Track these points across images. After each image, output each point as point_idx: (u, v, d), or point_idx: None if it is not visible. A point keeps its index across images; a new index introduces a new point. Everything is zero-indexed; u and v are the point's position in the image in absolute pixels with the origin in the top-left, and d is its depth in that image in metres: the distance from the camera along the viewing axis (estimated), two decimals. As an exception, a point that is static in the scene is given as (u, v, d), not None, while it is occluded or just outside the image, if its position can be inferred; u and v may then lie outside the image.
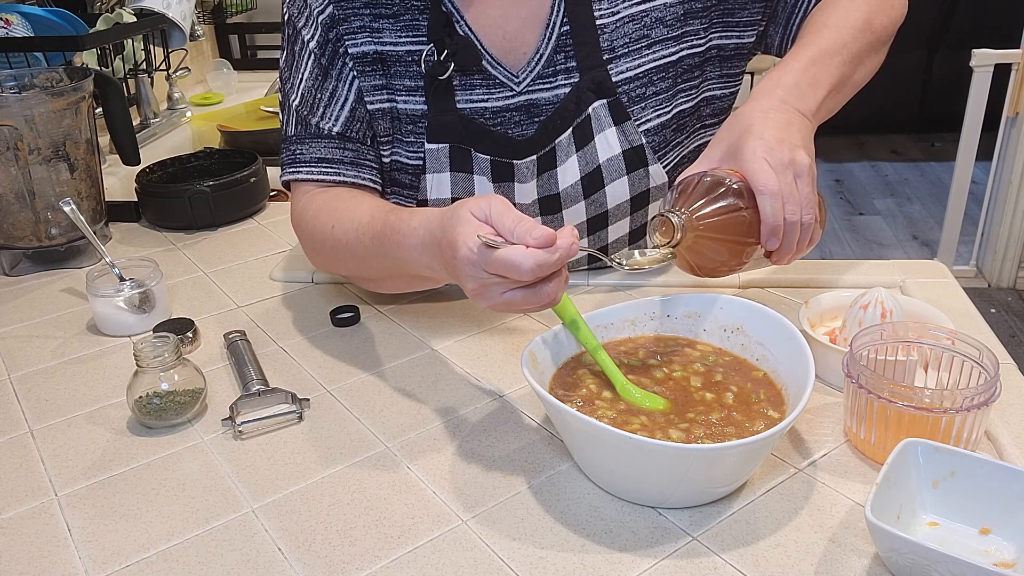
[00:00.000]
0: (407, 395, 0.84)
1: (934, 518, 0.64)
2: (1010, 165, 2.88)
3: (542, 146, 0.95)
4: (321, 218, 0.93)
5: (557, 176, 0.96)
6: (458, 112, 0.94)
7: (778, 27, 0.99)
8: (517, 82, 0.94)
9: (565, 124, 0.95)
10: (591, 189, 0.97)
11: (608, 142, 0.95)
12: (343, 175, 0.96)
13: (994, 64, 2.78)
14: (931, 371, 0.75)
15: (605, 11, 0.93)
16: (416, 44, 0.94)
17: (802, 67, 0.85)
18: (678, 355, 0.79)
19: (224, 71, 2.15)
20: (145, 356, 0.79)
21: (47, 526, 0.69)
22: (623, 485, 0.68)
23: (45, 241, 1.16)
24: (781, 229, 0.76)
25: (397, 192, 1.00)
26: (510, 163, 0.95)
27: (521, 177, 0.95)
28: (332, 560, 0.64)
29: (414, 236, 0.77)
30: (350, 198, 0.93)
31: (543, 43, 0.93)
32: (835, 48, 0.88)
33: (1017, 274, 3.06)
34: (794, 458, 0.73)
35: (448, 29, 0.93)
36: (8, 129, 1.09)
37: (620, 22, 0.93)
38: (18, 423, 0.83)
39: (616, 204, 0.98)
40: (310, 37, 0.94)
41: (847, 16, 0.91)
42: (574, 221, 0.99)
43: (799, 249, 0.80)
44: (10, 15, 1.44)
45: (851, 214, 3.84)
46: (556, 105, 0.95)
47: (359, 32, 0.93)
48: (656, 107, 0.96)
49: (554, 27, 0.93)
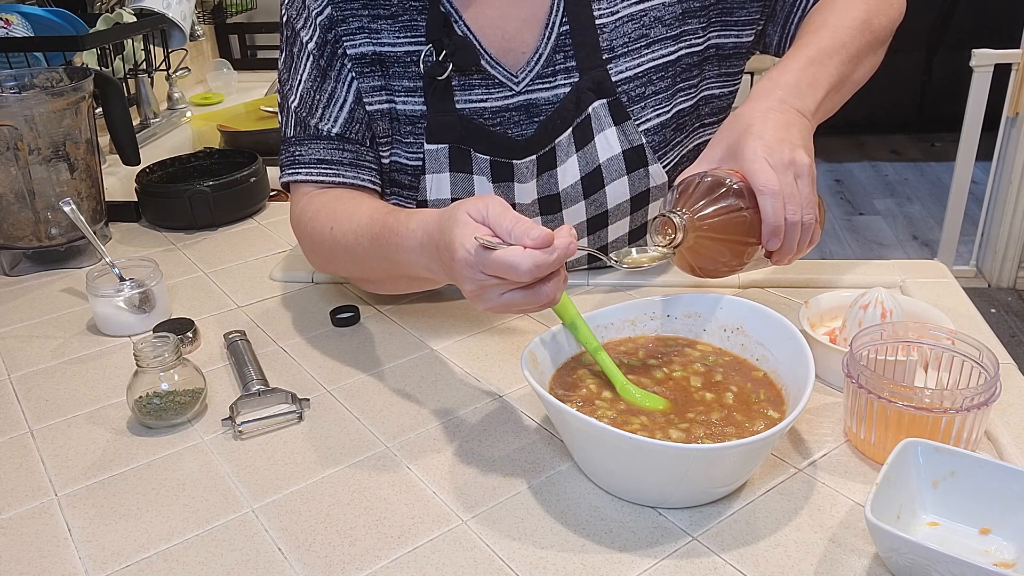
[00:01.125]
0: (407, 395, 0.84)
1: (934, 518, 0.64)
2: (1010, 165, 2.88)
3: (542, 146, 0.95)
4: (320, 219, 0.93)
5: (557, 176, 0.96)
6: (457, 112, 0.94)
7: (776, 26, 0.99)
8: (516, 82, 0.94)
9: (565, 124, 0.95)
10: (591, 189, 0.97)
11: (608, 142, 0.95)
12: (343, 176, 0.96)
13: (994, 64, 2.78)
14: (931, 371, 0.75)
15: (604, 11, 0.93)
16: (415, 45, 0.93)
17: (801, 67, 0.85)
18: (678, 355, 0.79)
19: (224, 71, 2.15)
20: (145, 356, 0.79)
21: (47, 526, 0.69)
22: (623, 485, 0.68)
23: (45, 241, 1.16)
24: (782, 229, 0.76)
25: (397, 193, 1.00)
26: (510, 163, 0.95)
27: (521, 177, 0.95)
28: (332, 560, 0.64)
29: (412, 238, 0.77)
30: (349, 199, 0.93)
31: (542, 43, 0.93)
32: (834, 48, 0.88)
33: (1017, 274, 3.06)
34: (794, 458, 0.73)
35: (447, 29, 0.92)
36: (8, 129, 1.09)
37: (619, 22, 0.93)
38: (18, 423, 0.83)
39: (616, 204, 0.98)
40: (308, 38, 0.94)
41: (845, 16, 0.91)
42: (574, 221, 0.99)
43: (799, 249, 0.79)
44: (10, 15, 1.44)
45: (851, 214, 3.84)
46: (555, 105, 0.95)
47: (357, 33, 0.93)
48: (656, 106, 0.96)
49: (553, 27, 0.93)
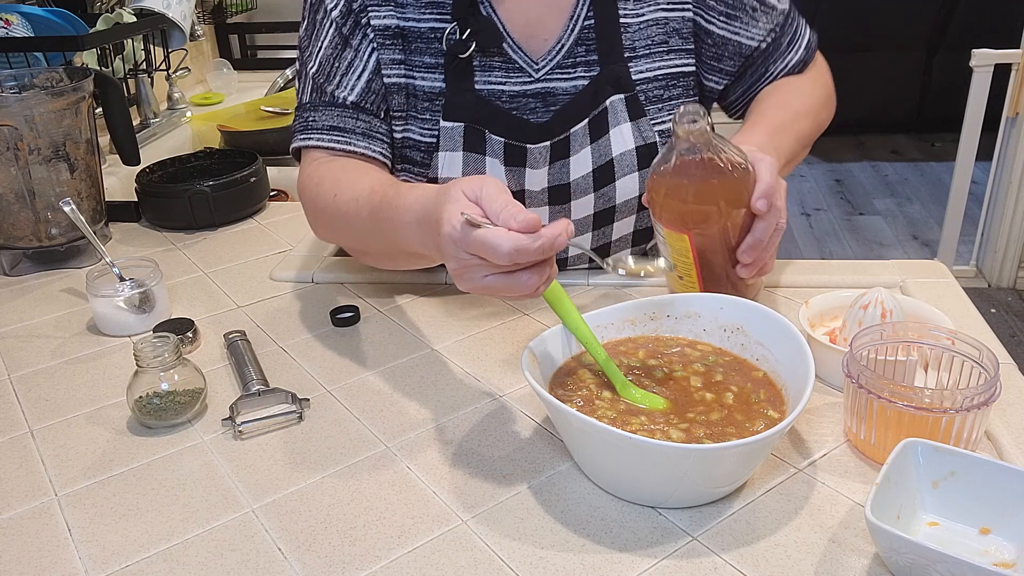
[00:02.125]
0: (407, 395, 0.84)
1: (934, 518, 0.64)
2: (1010, 165, 2.88)
3: (557, 133, 0.96)
4: (325, 186, 0.93)
5: (569, 166, 0.97)
6: (476, 92, 0.95)
7: (740, 87, 1.05)
8: (536, 68, 0.96)
9: (581, 114, 0.96)
10: (602, 182, 0.98)
11: (623, 137, 0.97)
12: (353, 145, 0.96)
13: (994, 64, 2.78)
14: (931, 371, 0.75)
15: (630, 12, 0.96)
16: (439, 22, 0.95)
17: (768, 133, 0.93)
18: (678, 355, 0.79)
19: (224, 71, 2.15)
20: (145, 356, 0.79)
21: (47, 526, 0.69)
22: (623, 485, 0.68)
23: (45, 241, 1.16)
24: (773, 190, 0.81)
25: (407, 169, 1.00)
26: (523, 147, 0.96)
27: (533, 163, 0.96)
28: (332, 560, 0.64)
29: (409, 213, 0.77)
30: (355, 170, 0.94)
31: (566, 33, 0.95)
32: (791, 126, 0.96)
33: (1017, 274, 3.06)
34: (794, 458, 0.73)
35: (472, 9, 0.94)
36: (8, 129, 1.09)
37: (644, 24, 0.96)
38: (18, 423, 0.83)
39: (624, 200, 0.99)
40: (333, 6, 0.95)
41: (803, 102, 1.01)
42: (582, 213, 1.00)
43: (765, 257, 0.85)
44: (10, 15, 1.44)
45: (851, 214, 3.84)
46: (573, 96, 0.96)
47: (383, 4, 0.95)
48: (671, 111, 0.99)
49: (578, 19, 0.95)
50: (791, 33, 1.04)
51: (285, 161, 1.63)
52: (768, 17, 1.01)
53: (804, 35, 1.06)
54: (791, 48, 1.04)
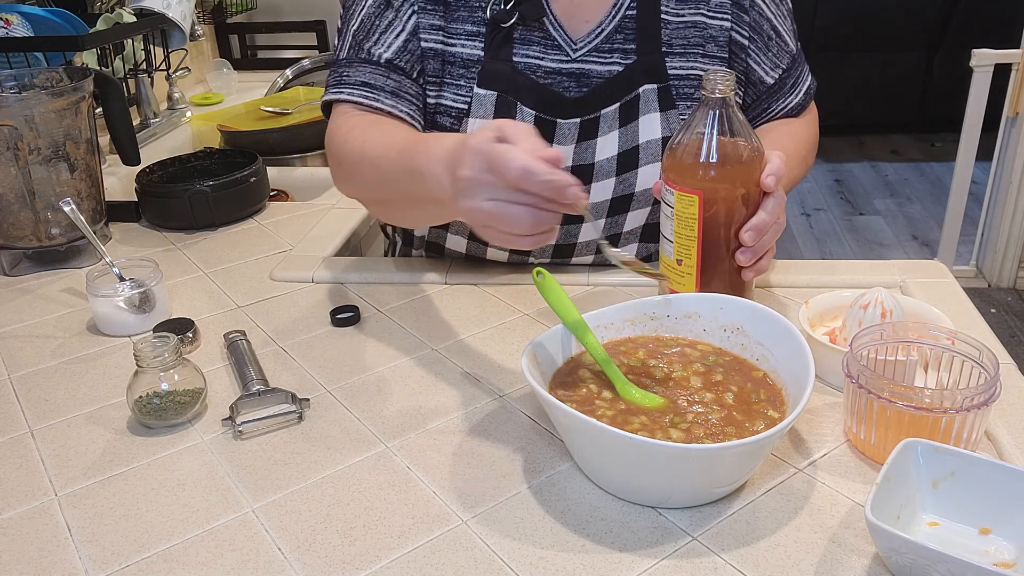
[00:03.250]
0: (407, 395, 0.84)
1: (934, 518, 0.64)
2: (1010, 165, 2.88)
3: (589, 110, 0.98)
4: (355, 134, 0.94)
5: (596, 146, 0.99)
6: (512, 64, 0.97)
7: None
8: (574, 48, 0.98)
9: (615, 97, 0.98)
10: (625, 167, 1.00)
11: (651, 125, 0.99)
12: (381, 102, 0.97)
13: (994, 64, 2.78)
14: (931, 371, 0.76)
15: (671, 10, 0.99)
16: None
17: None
18: (678, 355, 0.79)
19: (224, 71, 2.15)
20: (145, 356, 0.79)
21: (47, 526, 0.69)
22: (623, 485, 0.68)
23: (45, 241, 1.16)
24: (778, 167, 0.85)
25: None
26: (553, 121, 0.98)
27: (561, 138, 0.98)
28: (332, 560, 0.64)
29: (440, 147, 0.76)
30: (388, 123, 0.96)
31: (607, 19, 0.98)
32: (791, 159, 0.98)
33: (1017, 274, 3.06)
34: (794, 458, 0.73)
35: None
36: (8, 129, 1.09)
37: (683, 25, 0.99)
38: (18, 423, 0.83)
39: (643, 188, 1.02)
40: None
41: (801, 145, 1.03)
42: (600, 197, 1.02)
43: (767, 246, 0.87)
44: (10, 15, 1.44)
45: (851, 214, 3.84)
46: (607, 79, 0.98)
47: None
48: None
49: (621, 7, 0.98)
50: (796, 76, 1.07)
51: (285, 161, 1.63)
52: (782, 54, 1.04)
53: (806, 80, 1.08)
54: (794, 90, 1.07)
